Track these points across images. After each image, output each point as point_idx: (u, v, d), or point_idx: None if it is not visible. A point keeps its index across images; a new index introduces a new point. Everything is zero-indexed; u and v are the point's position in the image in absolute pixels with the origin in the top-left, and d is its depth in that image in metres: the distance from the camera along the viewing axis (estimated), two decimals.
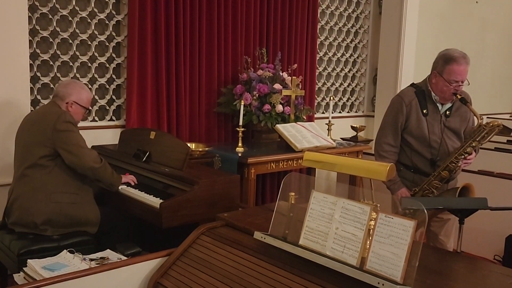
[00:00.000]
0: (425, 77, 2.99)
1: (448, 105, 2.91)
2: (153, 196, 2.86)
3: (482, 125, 2.74)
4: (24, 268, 2.18)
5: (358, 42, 5.72)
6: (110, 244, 2.57)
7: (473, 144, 2.77)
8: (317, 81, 5.24)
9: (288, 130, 3.92)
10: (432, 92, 2.88)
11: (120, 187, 3.02)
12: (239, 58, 4.36)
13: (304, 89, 4.65)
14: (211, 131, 4.27)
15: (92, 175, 2.83)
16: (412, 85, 3.02)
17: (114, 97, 3.91)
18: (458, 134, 2.95)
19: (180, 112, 4.01)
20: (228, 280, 1.86)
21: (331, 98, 4.67)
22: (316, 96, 5.24)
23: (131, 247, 2.55)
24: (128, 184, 3.09)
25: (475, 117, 2.85)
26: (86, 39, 3.70)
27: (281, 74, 4.26)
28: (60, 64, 3.60)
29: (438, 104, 2.90)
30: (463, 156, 2.80)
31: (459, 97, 2.77)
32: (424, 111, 2.89)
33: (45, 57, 3.54)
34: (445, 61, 2.79)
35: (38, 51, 3.50)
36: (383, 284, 1.48)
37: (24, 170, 2.79)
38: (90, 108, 3.70)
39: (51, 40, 3.54)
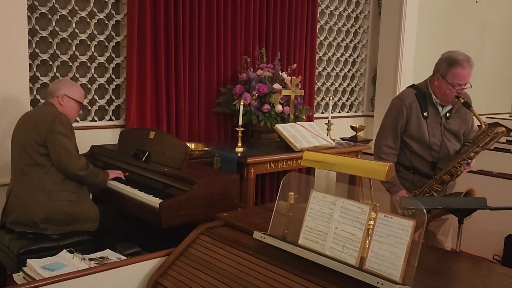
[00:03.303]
0: (425, 78, 2.97)
1: (449, 107, 2.89)
2: (153, 196, 2.85)
3: (487, 131, 2.72)
4: (23, 268, 2.18)
5: (358, 42, 5.72)
6: (110, 244, 2.57)
7: (477, 150, 2.76)
8: (316, 81, 5.24)
9: (287, 130, 3.92)
10: (433, 95, 2.86)
11: (119, 186, 3.05)
12: (239, 58, 4.36)
13: (304, 89, 4.65)
14: (210, 131, 4.27)
15: (77, 179, 2.86)
16: (413, 86, 2.99)
17: (113, 97, 3.91)
18: (457, 136, 2.93)
19: (179, 112, 4.01)
20: (227, 279, 1.86)
21: (331, 98, 4.67)
22: (315, 96, 5.24)
23: (130, 246, 2.55)
24: (119, 180, 3.12)
25: (475, 118, 2.84)
26: (86, 39, 3.70)
27: (280, 74, 4.26)
28: (59, 64, 3.60)
29: (438, 107, 2.88)
30: (466, 162, 2.78)
31: (462, 100, 2.73)
32: (425, 113, 2.86)
33: (45, 57, 3.54)
34: (449, 64, 2.75)
35: (37, 51, 3.50)
36: (382, 284, 1.48)
37: (22, 169, 2.81)
38: (88, 106, 3.74)
39: (50, 40, 3.54)
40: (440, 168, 2.88)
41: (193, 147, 3.66)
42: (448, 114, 2.90)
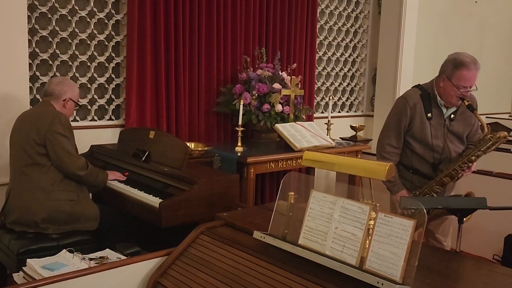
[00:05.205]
0: (426, 78, 2.95)
1: (453, 109, 2.87)
2: (153, 196, 2.85)
3: (489, 136, 2.71)
4: (23, 268, 2.18)
5: (358, 42, 5.72)
6: (110, 244, 2.57)
7: (478, 154, 2.76)
8: (316, 81, 5.24)
9: (287, 129, 3.92)
10: (437, 96, 2.83)
11: (119, 186, 3.06)
12: (239, 58, 4.36)
13: (304, 89, 4.65)
14: (210, 131, 4.27)
15: (76, 179, 2.87)
16: (418, 86, 2.96)
17: (113, 96, 3.90)
18: (461, 138, 2.92)
19: (179, 112, 4.01)
20: (227, 279, 1.85)
21: (330, 97, 4.67)
22: (315, 96, 5.24)
23: (130, 246, 2.55)
24: (119, 180, 3.13)
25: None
26: (85, 38, 3.69)
27: (280, 73, 4.26)
28: (59, 63, 3.60)
29: (443, 108, 2.86)
30: (466, 165, 2.78)
31: (466, 103, 2.72)
32: (429, 114, 2.84)
33: (45, 56, 3.53)
34: (455, 66, 2.72)
35: (37, 50, 3.49)
36: (382, 284, 1.48)
37: (21, 169, 2.81)
38: (88, 106, 3.75)
39: (50, 39, 3.54)
40: (441, 169, 2.88)
41: (193, 146, 3.66)
42: (452, 116, 2.88)
